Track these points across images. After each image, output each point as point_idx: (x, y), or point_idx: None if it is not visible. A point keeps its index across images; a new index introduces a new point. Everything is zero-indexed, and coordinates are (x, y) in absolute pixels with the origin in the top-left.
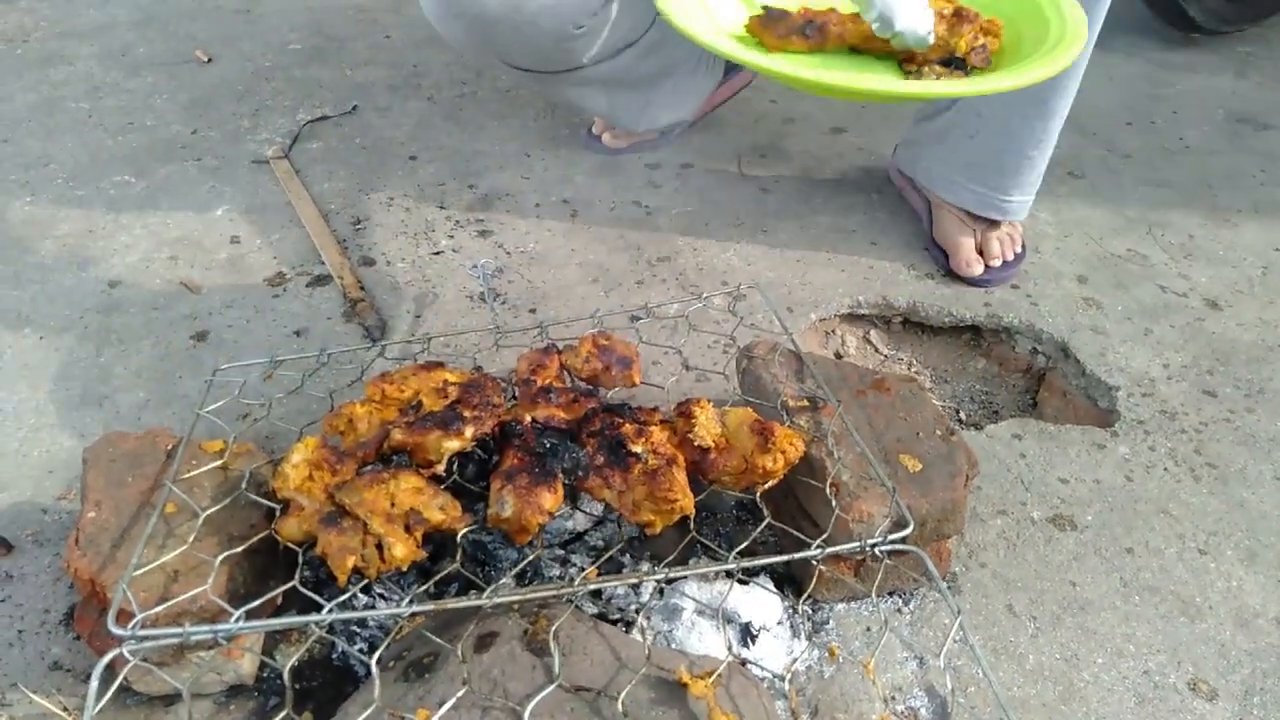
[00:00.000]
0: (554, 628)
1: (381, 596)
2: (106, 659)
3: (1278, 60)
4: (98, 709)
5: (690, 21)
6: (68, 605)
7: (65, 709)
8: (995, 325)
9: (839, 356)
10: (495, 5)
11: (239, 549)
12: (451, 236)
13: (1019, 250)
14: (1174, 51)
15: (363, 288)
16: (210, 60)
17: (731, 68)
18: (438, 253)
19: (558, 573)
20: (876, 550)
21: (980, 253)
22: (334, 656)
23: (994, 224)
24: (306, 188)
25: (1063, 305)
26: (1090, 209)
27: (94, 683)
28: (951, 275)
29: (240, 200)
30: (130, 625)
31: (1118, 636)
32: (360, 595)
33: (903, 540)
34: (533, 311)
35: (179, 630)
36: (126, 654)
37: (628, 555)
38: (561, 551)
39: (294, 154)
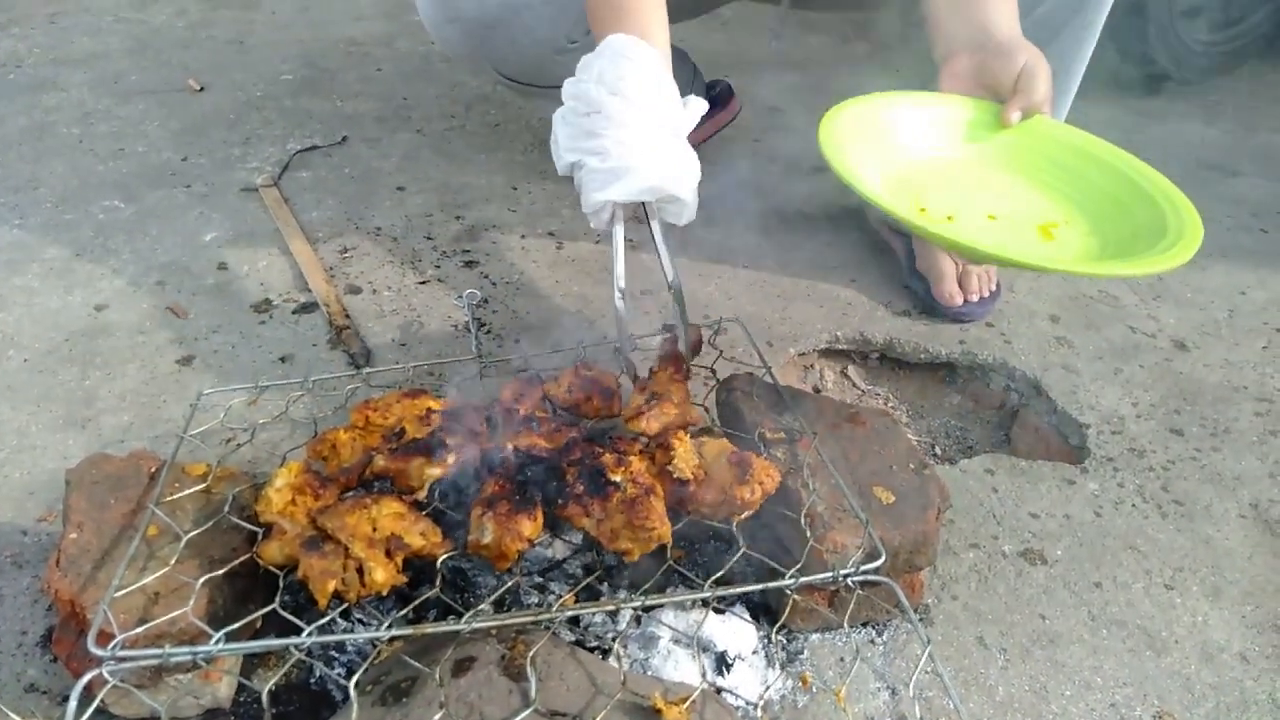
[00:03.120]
0: (531, 653)
1: (360, 621)
2: (86, 679)
3: (1245, 109)
4: None
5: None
6: (45, 627)
7: None
8: (970, 362)
9: (817, 390)
10: (491, 11)
11: (220, 572)
12: (438, 266)
13: (994, 288)
14: (1145, 99)
15: (348, 315)
16: (202, 89)
17: (715, 103)
18: (424, 282)
19: (536, 599)
20: (849, 580)
21: (960, 285)
22: (311, 681)
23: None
24: (295, 216)
25: (1035, 344)
26: None
27: (72, 703)
28: (929, 311)
29: (229, 227)
30: (110, 646)
31: (1085, 669)
32: (339, 620)
33: (875, 571)
34: (517, 341)
35: (159, 651)
36: (106, 674)
37: (605, 583)
38: (540, 579)
39: (283, 182)
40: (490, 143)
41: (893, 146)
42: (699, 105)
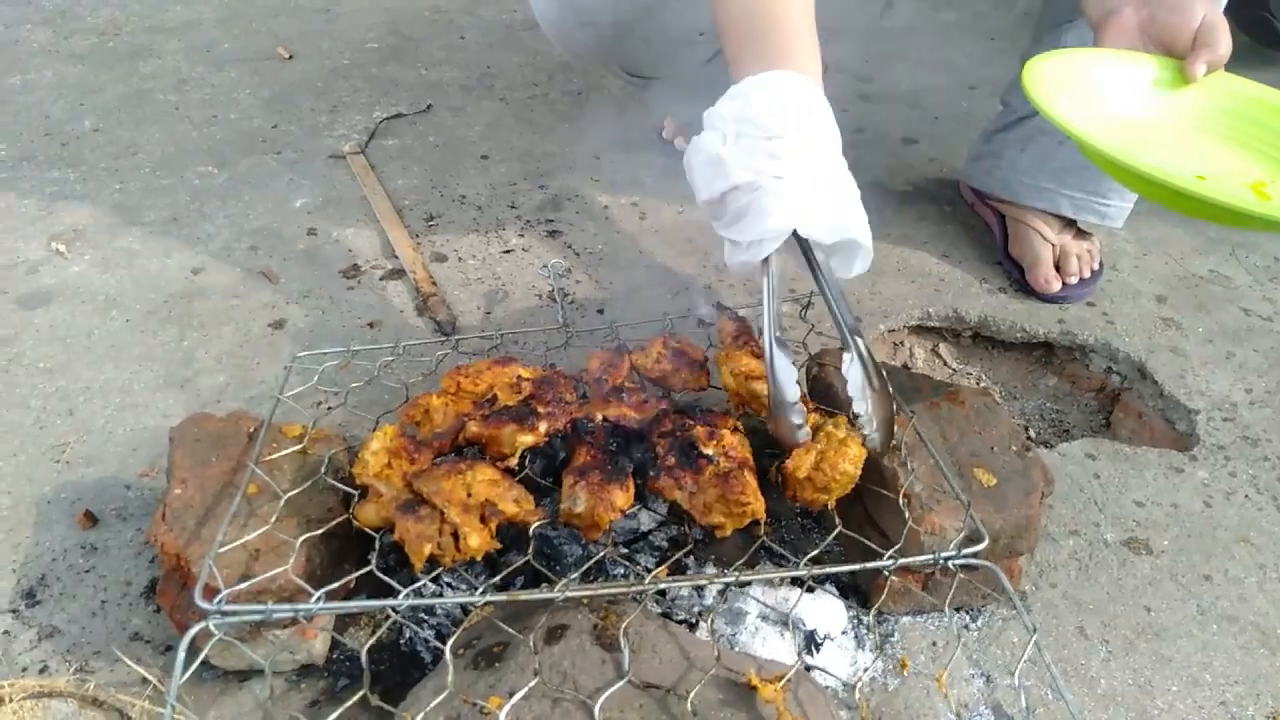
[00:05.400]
0: (625, 624)
1: (449, 585)
2: (193, 632)
3: None
4: (182, 680)
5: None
6: (149, 578)
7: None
8: (1069, 343)
9: (907, 368)
10: (626, 13)
11: (318, 532)
12: (522, 235)
13: (1096, 267)
14: (1261, 69)
15: (434, 283)
16: (291, 57)
17: None
18: (508, 251)
19: (622, 571)
20: (949, 564)
21: (1057, 269)
22: (401, 641)
23: (1075, 238)
24: (381, 183)
25: (1140, 325)
26: (1170, 228)
27: (181, 653)
28: (1025, 290)
29: (318, 193)
30: (215, 600)
31: (1194, 665)
32: (429, 584)
33: (976, 555)
34: (600, 312)
35: (262, 607)
36: (212, 628)
37: (691, 557)
38: (626, 550)
39: (370, 150)
40: (573, 111)
41: (1091, 105)
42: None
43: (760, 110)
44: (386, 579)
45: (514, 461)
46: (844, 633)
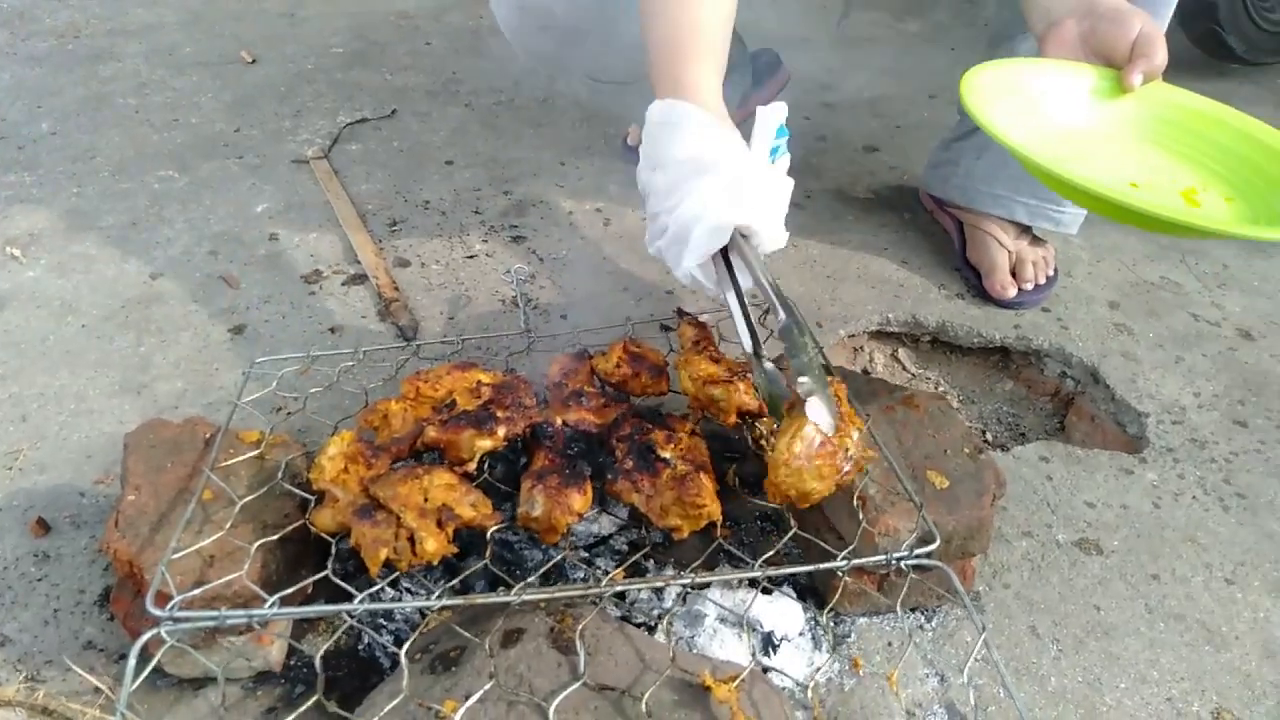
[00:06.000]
0: (580, 627)
1: (408, 590)
2: (144, 639)
3: None
4: (132, 688)
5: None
6: (103, 586)
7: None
8: (1024, 348)
9: (866, 373)
10: (588, 16)
11: (273, 537)
12: (485, 241)
13: (1051, 274)
14: (1212, 82)
15: (397, 288)
16: (254, 61)
17: (761, 74)
18: (471, 256)
19: (582, 574)
20: (902, 564)
21: (1013, 275)
22: (360, 647)
23: (1030, 245)
24: (345, 188)
25: (1093, 330)
26: (1123, 235)
27: (131, 660)
28: (982, 296)
29: (280, 198)
30: (168, 607)
31: (1141, 662)
32: (387, 589)
33: (929, 556)
34: (564, 317)
35: (215, 614)
36: (164, 635)
37: (651, 561)
38: (586, 554)
39: (333, 155)
40: (538, 118)
41: (1030, 114)
42: (784, 161)
43: (642, 173)
44: (343, 584)
45: (473, 466)
46: (801, 634)
